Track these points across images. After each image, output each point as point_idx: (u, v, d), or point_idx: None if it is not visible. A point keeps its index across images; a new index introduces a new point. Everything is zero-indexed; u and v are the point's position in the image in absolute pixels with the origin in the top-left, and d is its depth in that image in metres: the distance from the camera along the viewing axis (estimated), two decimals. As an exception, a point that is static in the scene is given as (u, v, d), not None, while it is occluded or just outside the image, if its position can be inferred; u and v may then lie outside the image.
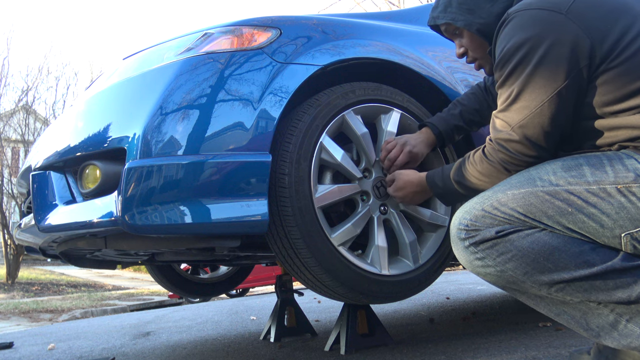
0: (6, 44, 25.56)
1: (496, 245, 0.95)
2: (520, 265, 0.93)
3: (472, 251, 0.98)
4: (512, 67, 1.00)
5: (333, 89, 1.53)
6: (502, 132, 1.04)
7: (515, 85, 1.00)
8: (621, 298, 0.89)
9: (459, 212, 1.02)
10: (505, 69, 1.02)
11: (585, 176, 0.93)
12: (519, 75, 0.99)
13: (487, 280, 1.00)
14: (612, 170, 0.92)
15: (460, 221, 1.00)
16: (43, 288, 12.00)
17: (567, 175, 0.94)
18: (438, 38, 1.93)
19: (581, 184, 0.92)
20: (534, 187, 0.95)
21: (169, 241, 1.50)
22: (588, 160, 0.95)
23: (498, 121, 1.06)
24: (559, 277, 0.91)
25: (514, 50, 0.99)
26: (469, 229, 0.98)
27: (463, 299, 3.42)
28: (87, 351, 2.62)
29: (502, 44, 1.03)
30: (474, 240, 0.97)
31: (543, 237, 0.93)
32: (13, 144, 15.60)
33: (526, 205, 0.94)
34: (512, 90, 1.01)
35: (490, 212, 0.97)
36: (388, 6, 16.72)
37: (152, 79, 1.41)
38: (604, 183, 0.91)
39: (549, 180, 0.95)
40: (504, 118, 1.03)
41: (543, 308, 0.99)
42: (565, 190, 0.93)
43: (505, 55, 1.01)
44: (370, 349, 1.63)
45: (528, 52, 0.97)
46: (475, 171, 1.12)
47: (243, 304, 5.41)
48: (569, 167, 0.95)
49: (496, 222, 0.96)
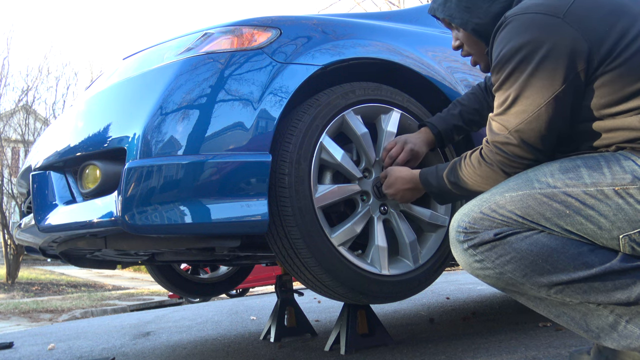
0: (6, 44, 25.55)
1: (495, 248, 0.95)
2: (519, 267, 0.93)
3: (471, 253, 0.98)
4: (509, 71, 0.99)
5: (333, 89, 1.53)
6: (499, 135, 1.03)
7: (512, 89, 0.99)
8: (620, 299, 0.89)
9: (458, 215, 1.02)
10: (503, 72, 1.01)
11: (582, 178, 0.93)
12: (516, 79, 0.98)
13: (486, 283, 1.01)
14: (609, 172, 0.92)
15: (459, 224, 1.00)
16: (43, 288, 12.00)
17: (564, 177, 0.94)
18: (438, 38, 1.93)
19: (579, 185, 0.92)
20: (531, 189, 0.95)
21: (169, 241, 1.50)
22: (585, 162, 0.95)
23: (495, 124, 1.05)
24: (557, 278, 0.91)
25: (511, 54, 0.99)
26: (468, 232, 0.98)
27: (463, 299, 3.42)
28: (87, 351, 2.62)
29: (499, 47, 1.02)
30: (473, 243, 0.97)
31: (541, 239, 0.93)
32: (13, 144, 15.61)
33: (524, 207, 0.94)
34: (509, 94, 1.00)
35: (488, 215, 0.97)
36: (388, 6, 16.73)
37: (152, 79, 1.41)
38: (601, 185, 0.91)
39: (547, 183, 0.95)
40: (501, 121, 1.03)
41: (542, 310, 0.99)
42: (563, 192, 0.93)
43: (503, 59, 1.00)
44: (370, 349, 1.63)
45: (525, 56, 0.97)
46: (472, 173, 1.12)
47: (243, 304, 5.41)
48: (566, 169, 0.95)
49: (494, 225, 0.96)
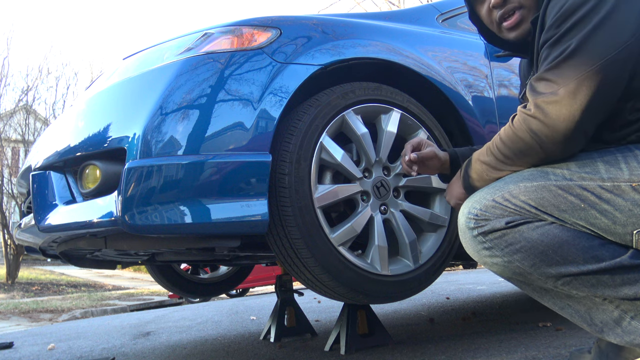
0: (6, 44, 25.50)
1: (505, 236, 0.95)
2: (528, 257, 0.93)
3: (480, 240, 0.97)
4: (574, 22, 0.91)
5: (333, 89, 1.53)
6: (544, 95, 0.93)
7: (574, 39, 0.90)
8: (627, 294, 0.89)
9: (468, 202, 1.01)
10: (564, 25, 0.93)
11: (599, 172, 0.92)
12: (581, 30, 0.90)
13: (493, 271, 1.00)
14: (627, 167, 0.91)
15: (470, 210, 0.99)
16: (43, 288, 12.00)
17: (580, 171, 0.94)
18: (438, 38, 1.93)
19: (595, 180, 0.92)
20: (547, 181, 0.94)
21: (169, 241, 1.50)
22: (602, 156, 0.95)
23: (542, 83, 0.94)
24: (566, 270, 0.91)
25: (579, 5, 0.92)
26: (479, 219, 0.97)
27: (463, 299, 3.42)
28: (87, 351, 2.62)
29: (561, 2, 0.95)
30: (483, 230, 0.97)
31: (553, 230, 0.92)
32: (13, 144, 15.60)
33: (538, 198, 0.93)
34: (568, 45, 0.91)
35: (500, 203, 0.96)
36: (388, 6, 16.73)
37: (152, 79, 1.41)
38: (618, 180, 0.91)
39: (562, 175, 0.94)
40: (552, 76, 0.92)
41: (547, 301, 0.98)
42: (579, 185, 0.92)
43: (567, 11, 0.93)
44: (370, 349, 1.63)
45: (595, 6, 0.90)
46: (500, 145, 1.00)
47: (243, 304, 5.40)
48: (583, 163, 0.95)
49: (506, 213, 0.95)
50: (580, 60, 0.89)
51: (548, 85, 0.93)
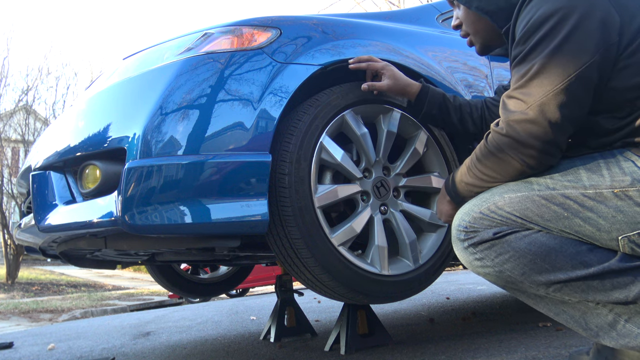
0: (6, 44, 25.54)
1: (494, 247, 0.95)
2: (518, 266, 0.94)
3: (471, 252, 0.98)
4: (539, 38, 0.93)
5: (333, 89, 1.53)
6: (515, 113, 0.94)
7: (538, 58, 0.92)
8: (619, 298, 0.89)
9: (459, 214, 1.02)
10: (530, 42, 0.94)
11: (581, 180, 0.93)
12: (545, 47, 0.91)
13: (487, 280, 1.01)
14: (608, 174, 0.91)
15: (460, 222, 1.00)
16: (43, 288, 12.00)
17: (563, 179, 0.94)
18: (438, 38, 1.93)
19: (578, 188, 0.92)
20: (530, 191, 0.95)
21: (169, 241, 1.50)
22: (585, 164, 0.95)
23: (512, 101, 0.95)
24: (555, 277, 0.91)
25: (543, 20, 0.93)
26: (468, 230, 0.98)
27: (463, 299, 3.42)
28: (87, 351, 2.62)
29: (528, 16, 0.96)
30: (473, 242, 0.98)
31: (540, 238, 0.93)
32: (13, 144, 15.60)
33: (522, 209, 0.94)
34: (533, 64, 0.93)
35: (487, 215, 0.97)
36: (388, 6, 16.74)
37: (152, 79, 1.41)
38: (600, 187, 0.91)
39: (546, 185, 0.95)
40: (520, 95, 0.94)
41: (542, 307, 0.99)
42: (562, 194, 0.93)
43: (532, 27, 0.94)
44: (370, 349, 1.63)
45: (558, 22, 0.91)
46: (480, 167, 1.01)
47: (243, 304, 5.40)
48: (566, 172, 0.95)
49: (494, 224, 0.96)
50: (546, 80, 0.91)
51: (517, 103, 0.94)
